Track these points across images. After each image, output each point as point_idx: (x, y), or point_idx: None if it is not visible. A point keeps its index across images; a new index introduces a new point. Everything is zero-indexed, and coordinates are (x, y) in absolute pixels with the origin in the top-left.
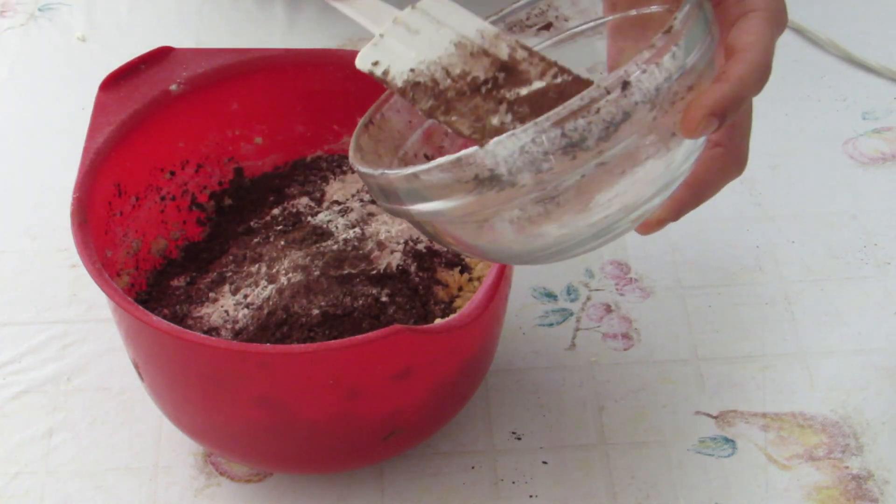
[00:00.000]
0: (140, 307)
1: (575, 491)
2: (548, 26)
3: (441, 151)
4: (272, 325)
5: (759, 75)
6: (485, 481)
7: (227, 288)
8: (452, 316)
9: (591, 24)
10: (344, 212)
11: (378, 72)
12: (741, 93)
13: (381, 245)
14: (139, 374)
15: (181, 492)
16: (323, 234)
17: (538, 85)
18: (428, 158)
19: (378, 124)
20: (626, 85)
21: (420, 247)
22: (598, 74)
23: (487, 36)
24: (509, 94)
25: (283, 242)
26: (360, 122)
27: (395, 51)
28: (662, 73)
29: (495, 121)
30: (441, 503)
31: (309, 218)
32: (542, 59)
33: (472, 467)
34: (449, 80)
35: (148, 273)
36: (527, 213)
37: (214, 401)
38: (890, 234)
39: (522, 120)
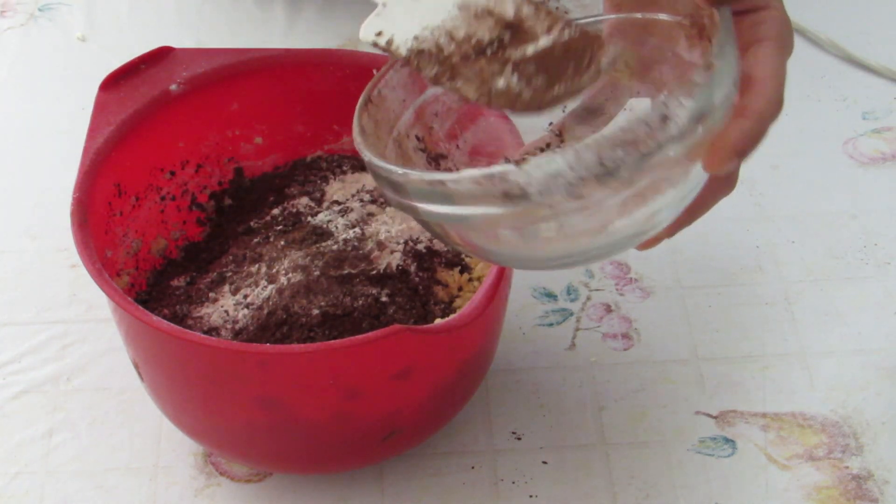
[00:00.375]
0: (140, 307)
1: (575, 491)
2: None
3: (431, 133)
4: (272, 325)
5: (776, 108)
6: (485, 481)
7: (227, 288)
8: (452, 316)
9: (591, 19)
10: (344, 212)
11: (382, 42)
12: (762, 129)
13: (380, 245)
14: (139, 374)
15: (181, 492)
16: (323, 234)
17: (545, 42)
18: (419, 140)
19: (376, 103)
20: (664, 119)
21: (420, 247)
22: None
23: None
24: (515, 54)
25: (283, 242)
26: (360, 100)
27: (398, 19)
28: (698, 107)
29: (501, 83)
30: (441, 503)
31: (309, 218)
32: (549, 13)
33: (472, 467)
34: (453, 45)
35: (148, 273)
36: (545, 229)
37: (214, 401)
38: (890, 234)
39: (528, 80)
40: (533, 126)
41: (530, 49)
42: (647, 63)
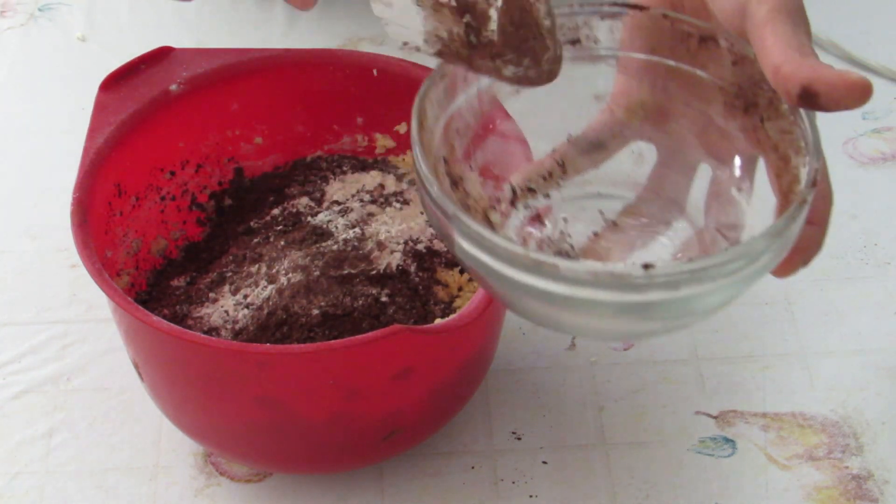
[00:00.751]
0: (140, 307)
1: (575, 491)
2: (575, 41)
3: (452, 152)
4: (272, 325)
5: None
6: (485, 481)
7: (227, 288)
8: (452, 316)
9: (622, 54)
10: (344, 212)
11: (411, 48)
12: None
13: (380, 245)
14: (139, 374)
15: (181, 492)
16: (323, 234)
17: (493, 14)
18: (445, 162)
19: (423, 124)
20: (779, 234)
21: (420, 247)
22: (604, 104)
23: None
24: (491, 36)
25: (283, 242)
26: (413, 127)
27: (403, 27)
28: (797, 229)
29: (508, 73)
30: (441, 503)
31: (309, 218)
32: None
33: (472, 467)
34: (451, 42)
35: (148, 273)
36: (617, 316)
37: (214, 401)
38: (890, 234)
39: (517, 64)
40: (535, 148)
41: (493, 25)
42: (665, 112)
